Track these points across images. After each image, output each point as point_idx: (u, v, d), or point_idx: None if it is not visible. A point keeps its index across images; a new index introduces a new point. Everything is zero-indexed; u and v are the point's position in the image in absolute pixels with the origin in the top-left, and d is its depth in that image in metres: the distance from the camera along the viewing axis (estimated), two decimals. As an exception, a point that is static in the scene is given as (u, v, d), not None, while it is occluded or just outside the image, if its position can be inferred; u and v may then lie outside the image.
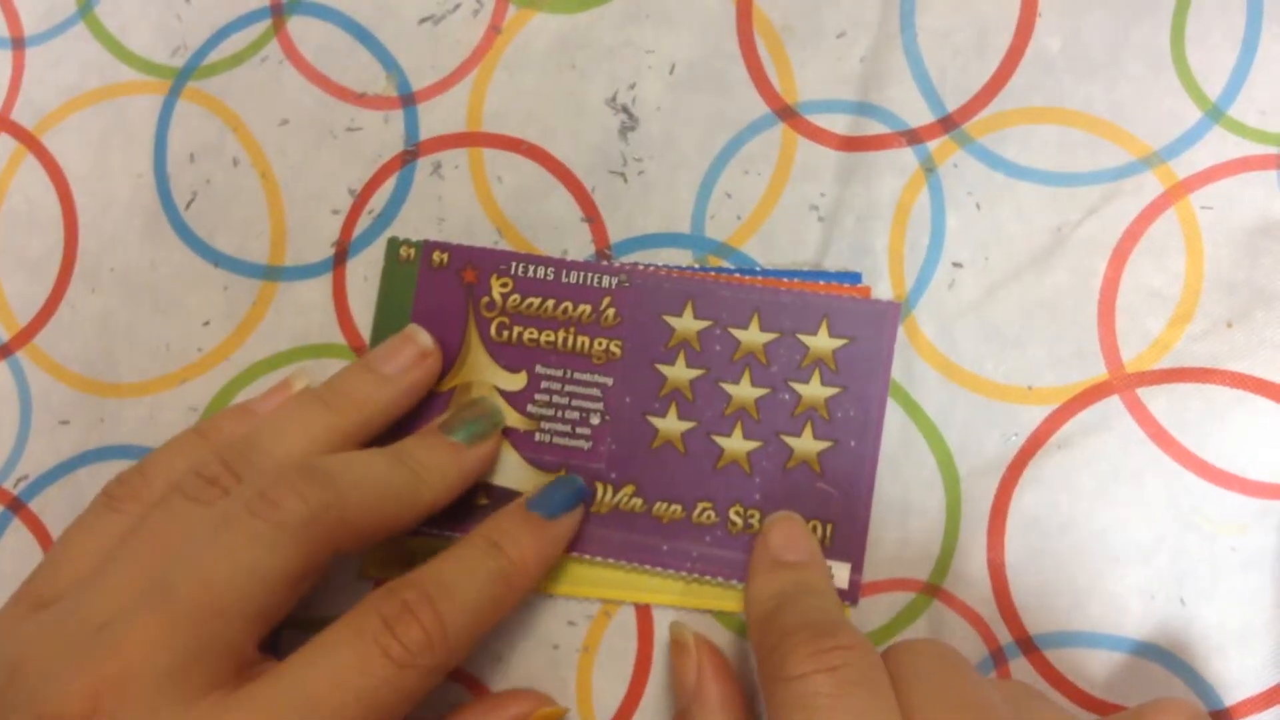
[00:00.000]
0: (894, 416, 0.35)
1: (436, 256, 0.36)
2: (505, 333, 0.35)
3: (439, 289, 0.36)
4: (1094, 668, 0.33)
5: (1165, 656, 0.33)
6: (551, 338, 0.35)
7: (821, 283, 0.35)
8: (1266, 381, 0.33)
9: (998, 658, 0.34)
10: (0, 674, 0.28)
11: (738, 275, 0.35)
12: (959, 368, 0.34)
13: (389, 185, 0.37)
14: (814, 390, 0.34)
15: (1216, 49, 0.35)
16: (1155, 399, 0.34)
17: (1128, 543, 0.33)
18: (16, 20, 0.39)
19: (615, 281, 0.35)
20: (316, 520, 0.30)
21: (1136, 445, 0.34)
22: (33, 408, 0.38)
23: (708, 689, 0.32)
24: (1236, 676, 0.33)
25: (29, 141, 0.39)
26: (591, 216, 0.36)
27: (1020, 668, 0.33)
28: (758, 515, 0.34)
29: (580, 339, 0.35)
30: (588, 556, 0.34)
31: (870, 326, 0.34)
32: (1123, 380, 0.34)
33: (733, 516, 0.34)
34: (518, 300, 0.35)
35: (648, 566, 0.34)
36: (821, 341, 0.34)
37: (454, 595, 0.30)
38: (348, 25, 0.38)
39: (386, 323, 0.36)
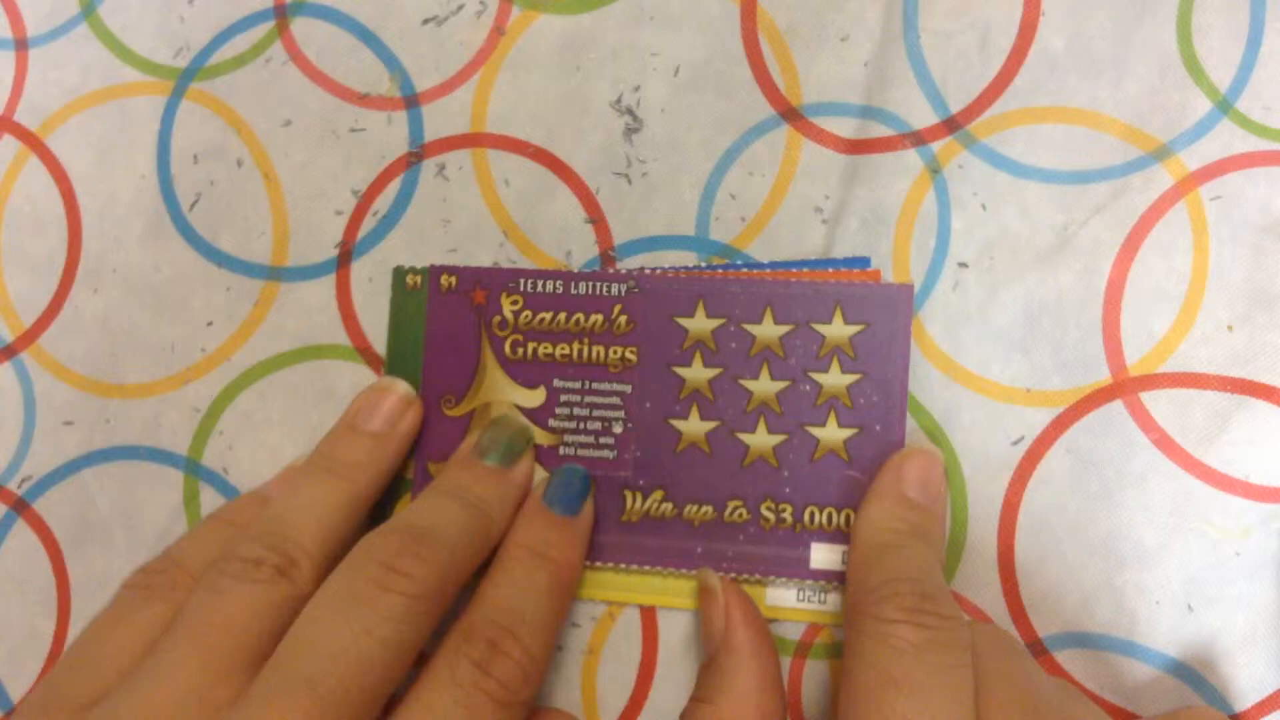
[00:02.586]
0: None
1: (444, 280, 0.36)
2: (520, 350, 0.35)
3: (450, 313, 0.36)
4: (1103, 671, 0.33)
5: (1172, 662, 0.33)
6: (566, 350, 0.35)
7: (831, 270, 0.35)
8: (1268, 386, 0.33)
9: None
10: None
11: (746, 270, 0.35)
12: (964, 370, 0.34)
13: (394, 187, 0.37)
14: (834, 378, 0.34)
15: (1221, 44, 0.35)
16: (1158, 403, 0.34)
17: (1134, 547, 0.33)
18: (20, 21, 0.39)
19: (624, 288, 0.35)
20: (444, 583, 0.29)
21: (1140, 449, 0.34)
22: (36, 408, 0.38)
23: (736, 634, 0.32)
24: (1243, 682, 0.33)
25: (32, 143, 0.39)
26: (596, 218, 0.36)
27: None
28: (789, 509, 0.34)
29: (595, 349, 0.35)
30: (624, 565, 0.34)
31: (884, 310, 0.34)
32: (1126, 384, 0.34)
33: (764, 513, 0.34)
34: (529, 316, 0.35)
35: (684, 571, 0.34)
36: (837, 329, 0.34)
37: (527, 619, 0.30)
38: (351, 26, 0.38)
39: (401, 352, 0.36)
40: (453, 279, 0.36)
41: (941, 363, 0.35)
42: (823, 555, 0.34)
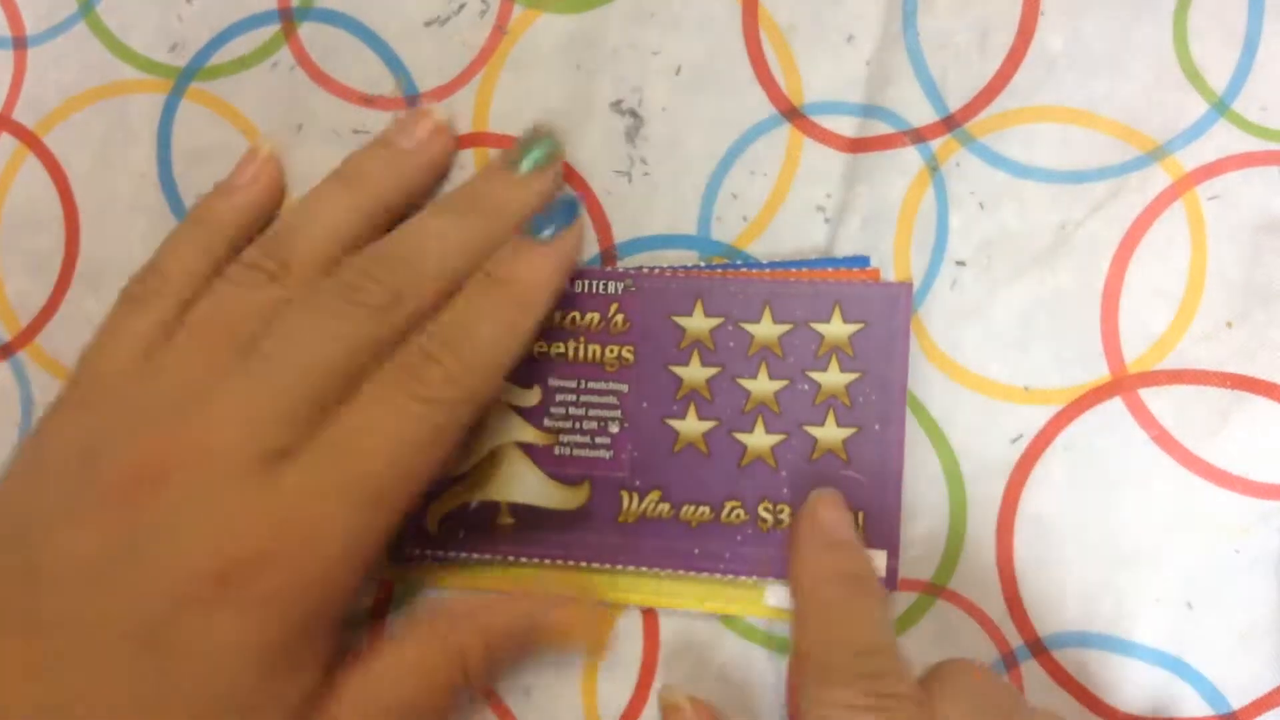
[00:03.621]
0: (901, 417, 0.35)
1: None
2: None
3: None
4: (1103, 670, 0.33)
5: (1172, 660, 0.33)
6: (562, 349, 0.35)
7: (830, 270, 0.35)
8: (1267, 382, 0.34)
9: (1009, 660, 0.34)
10: (72, 458, 0.30)
11: (745, 270, 0.35)
12: (963, 368, 0.35)
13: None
14: (833, 377, 0.34)
15: (1218, 45, 0.35)
16: (1158, 400, 0.34)
17: (1133, 545, 0.34)
18: (18, 19, 0.39)
19: (621, 287, 0.35)
20: (409, 295, 0.32)
21: (1140, 447, 0.34)
22: (34, 407, 0.38)
23: None
24: (1243, 679, 0.33)
25: (30, 141, 0.38)
26: (597, 217, 0.36)
27: (1031, 670, 0.34)
28: (787, 510, 0.34)
29: (591, 348, 0.35)
30: (620, 567, 0.34)
31: (883, 309, 0.34)
32: (1125, 381, 0.34)
33: (762, 513, 0.34)
34: None
35: (681, 572, 0.34)
36: (835, 328, 0.34)
37: (470, 335, 0.31)
38: (354, 28, 0.38)
39: None
40: None
41: (940, 361, 0.35)
42: None
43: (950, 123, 0.36)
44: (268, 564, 0.28)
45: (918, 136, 0.36)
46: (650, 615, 0.35)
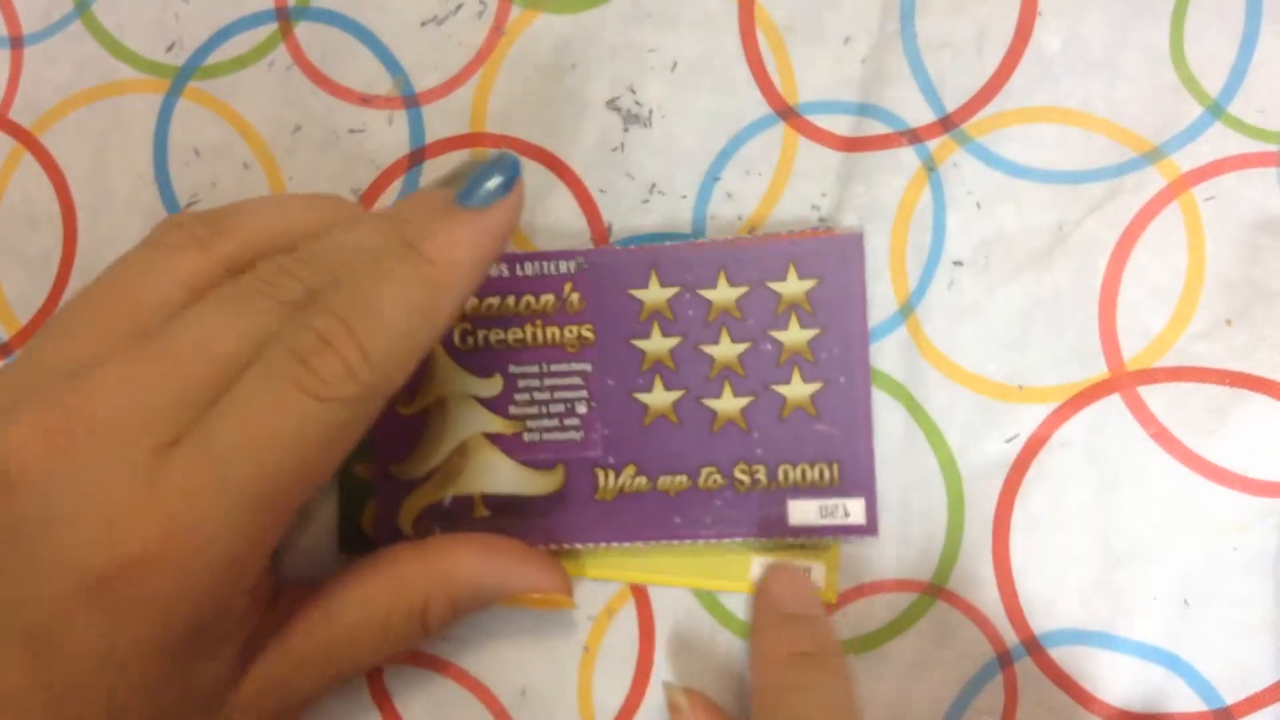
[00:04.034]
0: (896, 416, 0.35)
1: None
2: (470, 339, 0.35)
3: None
4: (1097, 666, 0.33)
5: (1167, 656, 0.33)
6: (520, 335, 0.35)
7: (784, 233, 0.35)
8: (1267, 380, 0.34)
9: (1004, 660, 0.34)
10: None
11: (695, 240, 0.35)
12: (960, 368, 0.35)
13: (395, 188, 0.37)
14: (794, 335, 0.34)
15: (1215, 47, 0.35)
16: (1156, 398, 0.34)
17: (1130, 543, 0.34)
18: (15, 19, 0.39)
19: (574, 265, 0.35)
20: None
21: (1138, 444, 0.34)
22: (30, 408, 0.38)
23: None
24: (1238, 675, 0.33)
25: (27, 140, 0.38)
26: (592, 216, 0.36)
27: (1025, 668, 0.34)
28: (763, 470, 0.34)
29: (550, 330, 0.34)
30: (604, 545, 0.34)
31: (837, 262, 0.34)
32: (1124, 379, 0.34)
33: (738, 475, 0.34)
34: (476, 303, 0.35)
35: (664, 542, 0.34)
36: (792, 286, 0.34)
37: (373, 315, 0.27)
38: (351, 27, 0.38)
39: None
40: None
41: (937, 361, 0.35)
42: (800, 511, 0.34)
43: (948, 123, 0.36)
44: (150, 568, 0.26)
45: (915, 137, 0.36)
46: (646, 613, 0.35)
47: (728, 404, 0.34)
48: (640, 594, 0.35)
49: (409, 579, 0.31)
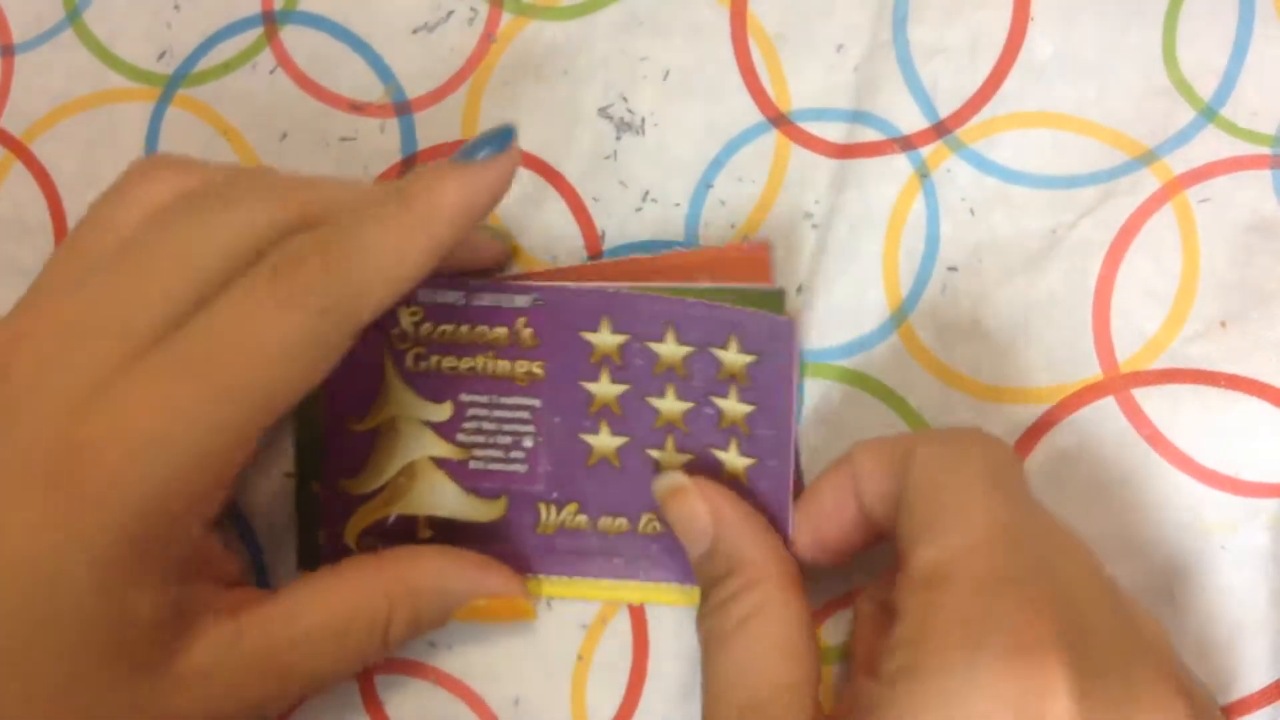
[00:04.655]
0: (893, 423, 0.35)
1: None
2: (422, 363, 0.34)
3: None
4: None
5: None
6: (472, 364, 0.34)
7: (730, 296, 0.34)
8: (1260, 382, 0.34)
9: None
10: None
11: (647, 287, 0.34)
12: (955, 373, 0.35)
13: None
14: (732, 405, 0.33)
15: (1207, 50, 0.35)
16: (1150, 399, 0.34)
17: (1122, 542, 0.33)
18: (6, 27, 0.39)
19: (529, 300, 0.34)
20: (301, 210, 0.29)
21: (1131, 446, 0.34)
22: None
23: (726, 513, 0.31)
24: (1229, 677, 0.33)
25: (17, 149, 0.38)
26: (585, 224, 0.36)
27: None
28: None
29: (500, 363, 0.34)
30: (544, 575, 0.34)
31: (772, 342, 0.33)
32: (1117, 381, 0.34)
33: None
34: (430, 329, 0.34)
35: (606, 580, 0.34)
36: (733, 356, 0.33)
37: (350, 240, 0.28)
38: (340, 34, 0.38)
39: None
40: None
41: (931, 366, 0.35)
42: None
43: (940, 129, 0.36)
44: (100, 458, 0.26)
45: (908, 144, 0.36)
46: (640, 622, 0.35)
47: (670, 457, 0.34)
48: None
49: (372, 586, 0.31)
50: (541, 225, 0.37)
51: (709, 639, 0.30)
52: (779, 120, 0.36)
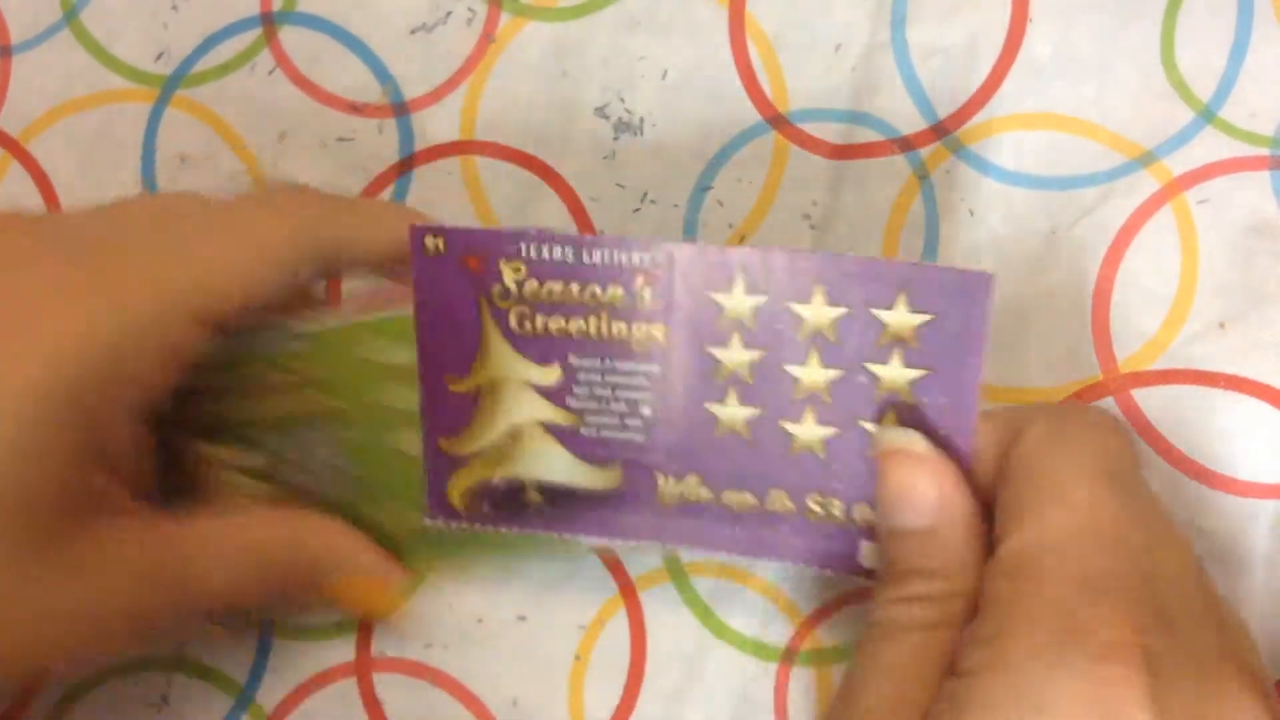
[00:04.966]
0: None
1: (430, 242, 0.30)
2: (528, 324, 0.31)
3: (441, 280, 0.31)
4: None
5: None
6: (583, 326, 0.31)
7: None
8: (1259, 383, 0.34)
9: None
10: None
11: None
12: (953, 374, 0.35)
13: (385, 195, 0.37)
14: (894, 372, 0.29)
15: (1206, 52, 0.35)
16: (1149, 400, 0.34)
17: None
18: (3, 27, 0.39)
19: (648, 258, 0.30)
20: None
21: (1130, 447, 0.34)
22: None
23: (958, 507, 0.28)
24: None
25: (14, 149, 0.38)
26: (583, 224, 0.36)
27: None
28: (838, 504, 0.31)
29: (616, 325, 0.31)
30: (669, 546, 0.33)
31: (958, 300, 0.29)
32: (1117, 381, 0.34)
33: (811, 504, 0.31)
34: (535, 287, 0.31)
35: (722, 555, 0.32)
36: (899, 317, 0.29)
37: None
38: (339, 34, 0.38)
39: (390, 324, 0.33)
40: (439, 240, 0.30)
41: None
42: (874, 556, 0.31)
43: (939, 130, 0.36)
44: (35, 323, 0.26)
45: (906, 144, 0.36)
46: (638, 623, 0.35)
47: (808, 431, 0.31)
48: (632, 602, 0.35)
49: (278, 528, 0.32)
50: (540, 225, 0.37)
51: (888, 627, 0.28)
52: (777, 121, 0.36)
